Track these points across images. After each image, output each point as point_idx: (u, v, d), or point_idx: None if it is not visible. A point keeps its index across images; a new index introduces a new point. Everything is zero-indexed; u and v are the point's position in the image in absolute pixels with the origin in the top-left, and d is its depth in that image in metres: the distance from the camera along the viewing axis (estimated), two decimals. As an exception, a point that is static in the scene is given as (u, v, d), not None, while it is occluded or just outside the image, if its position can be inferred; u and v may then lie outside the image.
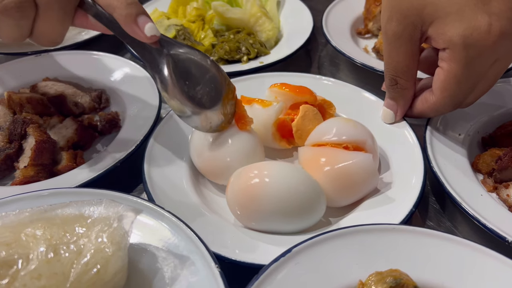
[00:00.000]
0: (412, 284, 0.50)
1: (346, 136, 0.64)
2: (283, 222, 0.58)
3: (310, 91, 0.73)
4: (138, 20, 0.58)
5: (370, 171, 0.61)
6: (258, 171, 0.59)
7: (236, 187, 0.59)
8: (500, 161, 0.65)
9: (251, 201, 0.58)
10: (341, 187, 0.61)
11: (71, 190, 0.61)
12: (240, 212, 0.59)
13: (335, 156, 0.62)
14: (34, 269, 0.47)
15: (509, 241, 0.55)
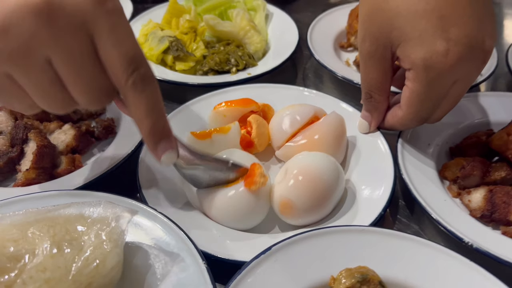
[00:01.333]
0: (377, 279, 0.56)
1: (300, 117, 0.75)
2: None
3: (251, 101, 0.80)
4: (158, 147, 0.58)
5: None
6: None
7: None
8: (464, 169, 0.71)
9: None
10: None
11: (71, 192, 0.67)
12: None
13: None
14: (39, 263, 0.53)
15: (467, 242, 0.61)
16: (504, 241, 0.62)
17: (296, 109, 0.79)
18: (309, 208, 0.65)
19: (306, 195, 0.64)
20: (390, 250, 0.59)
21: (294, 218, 0.66)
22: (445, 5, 0.61)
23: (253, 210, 0.66)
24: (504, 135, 0.72)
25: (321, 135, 0.73)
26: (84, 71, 0.50)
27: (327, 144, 0.73)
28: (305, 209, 0.65)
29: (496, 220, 0.66)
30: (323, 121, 0.75)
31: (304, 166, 0.66)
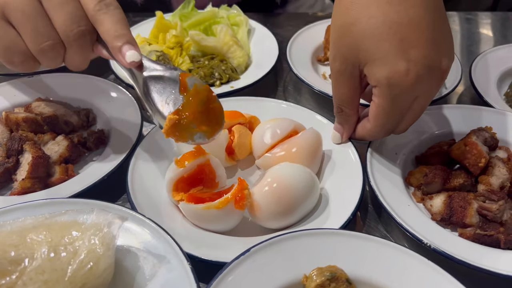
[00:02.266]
0: (345, 277, 0.62)
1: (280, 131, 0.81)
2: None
3: (240, 114, 0.86)
4: (122, 49, 0.69)
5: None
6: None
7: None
8: (426, 177, 0.78)
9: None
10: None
11: (65, 200, 0.72)
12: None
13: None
14: (38, 266, 0.58)
15: (426, 243, 0.67)
16: (460, 242, 0.69)
17: (277, 122, 0.85)
18: (276, 214, 0.71)
19: (274, 203, 0.71)
20: (358, 251, 0.65)
21: (262, 221, 0.73)
22: (406, 29, 0.68)
23: (237, 218, 0.73)
24: (462, 146, 0.79)
25: (298, 149, 0.79)
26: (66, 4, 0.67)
27: (303, 157, 0.79)
28: (272, 214, 0.71)
29: (454, 223, 0.73)
30: (300, 136, 0.81)
31: (279, 176, 0.72)
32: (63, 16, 0.67)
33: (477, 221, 0.71)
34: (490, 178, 0.75)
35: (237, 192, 0.71)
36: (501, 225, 0.71)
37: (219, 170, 0.78)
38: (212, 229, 0.73)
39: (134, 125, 0.90)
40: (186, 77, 0.68)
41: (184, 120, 0.67)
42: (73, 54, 0.71)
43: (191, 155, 0.75)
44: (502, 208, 0.71)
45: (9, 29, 0.68)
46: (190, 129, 0.69)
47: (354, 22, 0.70)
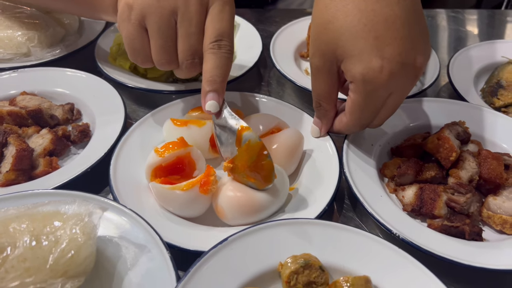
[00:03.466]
0: (318, 264, 0.65)
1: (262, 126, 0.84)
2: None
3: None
4: (208, 95, 0.78)
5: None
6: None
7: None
8: (400, 168, 0.81)
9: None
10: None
11: (48, 191, 0.73)
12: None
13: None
14: (20, 254, 0.60)
15: (395, 233, 0.70)
16: (428, 233, 0.72)
17: (260, 118, 0.87)
18: (240, 219, 0.74)
19: (238, 210, 0.74)
20: (331, 240, 0.68)
21: (226, 221, 0.75)
22: (381, 27, 0.70)
23: (203, 204, 0.76)
24: (435, 139, 0.82)
25: (278, 147, 0.82)
26: (192, 28, 0.77)
27: (282, 155, 0.81)
28: (236, 219, 0.74)
29: (423, 214, 0.76)
30: (282, 134, 0.83)
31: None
32: (186, 46, 0.78)
33: (445, 212, 0.74)
34: (460, 172, 0.78)
35: (203, 177, 0.73)
36: (467, 217, 0.74)
37: (200, 163, 0.80)
38: (180, 213, 0.75)
39: (118, 118, 0.91)
40: (243, 131, 0.74)
41: (236, 169, 0.75)
42: (182, 72, 0.83)
43: (172, 146, 0.78)
44: (469, 201, 0.74)
45: (143, 35, 0.78)
46: (242, 177, 0.75)
47: (331, 19, 0.72)
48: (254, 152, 0.73)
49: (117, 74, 1.04)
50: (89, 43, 1.13)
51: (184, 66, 0.80)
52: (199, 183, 0.73)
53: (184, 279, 0.61)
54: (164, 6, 0.76)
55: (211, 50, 0.77)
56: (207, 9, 0.78)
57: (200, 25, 0.78)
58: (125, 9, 0.77)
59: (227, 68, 0.79)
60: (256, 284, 0.64)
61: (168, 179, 0.77)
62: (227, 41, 0.78)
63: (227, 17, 0.79)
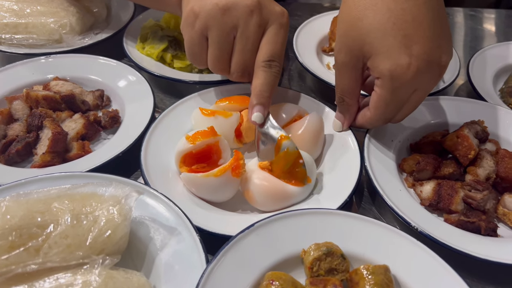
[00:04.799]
0: (339, 252, 0.68)
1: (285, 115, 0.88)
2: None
3: (249, 99, 0.91)
4: (254, 108, 0.83)
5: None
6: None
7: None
8: (419, 164, 0.84)
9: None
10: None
11: (85, 174, 0.77)
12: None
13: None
14: (62, 231, 0.64)
15: (413, 226, 0.73)
16: (444, 227, 0.75)
17: (282, 107, 0.91)
18: (271, 206, 0.79)
19: (268, 197, 0.78)
20: (352, 230, 0.71)
21: (255, 205, 0.79)
22: (410, 26, 0.73)
23: (234, 188, 0.80)
24: (454, 137, 0.84)
25: (303, 132, 0.86)
26: (248, 46, 0.83)
27: (307, 140, 0.85)
28: (263, 204, 0.79)
29: (440, 209, 0.79)
30: (305, 119, 0.87)
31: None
32: (240, 60, 0.85)
33: (462, 208, 0.77)
34: (477, 169, 0.81)
35: (234, 162, 0.78)
36: (483, 213, 0.77)
37: (225, 152, 0.84)
38: (210, 198, 0.79)
39: (147, 106, 0.95)
40: (283, 140, 0.81)
41: (272, 173, 0.81)
42: (231, 79, 0.90)
43: (203, 134, 0.82)
44: (486, 198, 0.77)
45: (203, 42, 0.85)
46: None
47: (360, 17, 0.75)
48: (291, 159, 0.79)
49: (145, 62, 1.07)
50: (117, 31, 1.17)
51: (234, 76, 0.87)
52: (231, 167, 0.77)
53: (213, 261, 0.65)
54: (227, 21, 0.81)
55: (263, 68, 0.83)
56: (264, 30, 0.84)
57: (255, 44, 0.83)
58: (190, 15, 0.83)
59: (274, 86, 0.84)
60: (280, 268, 0.68)
61: (196, 168, 0.81)
62: (278, 62, 0.84)
63: (281, 40, 0.85)
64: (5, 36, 1.07)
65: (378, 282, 0.64)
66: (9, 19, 1.07)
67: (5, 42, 1.08)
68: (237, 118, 0.87)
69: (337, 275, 0.67)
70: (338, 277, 0.67)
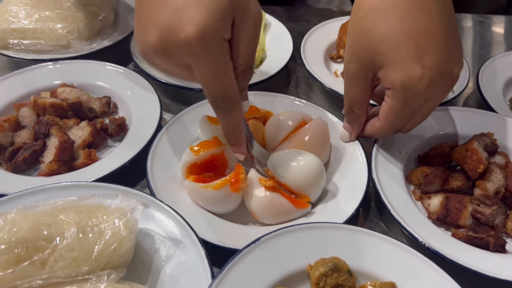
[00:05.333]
0: (346, 268, 0.68)
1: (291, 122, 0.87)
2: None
3: (256, 108, 0.92)
4: (232, 149, 0.81)
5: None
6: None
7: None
8: (426, 177, 0.83)
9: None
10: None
11: (91, 184, 0.77)
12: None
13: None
14: (68, 244, 0.64)
15: (420, 242, 0.72)
16: (452, 242, 0.74)
17: (287, 115, 0.90)
18: (269, 218, 0.79)
19: (267, 210, 0.78)
20: (359, 245, 0.71)
21: (259, 219, 0.79)
22: (422, 37, 0.72)
23: (234, 201, 0.79)
24: (463, 150, 0.83)
25: (309, 138, 0.84)
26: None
27: (314, 145, 0.84)
28: (265, 218, 0.79)
29: (448, 223, 0.78)
30: (310, 125, 0.86)
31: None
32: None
33: (470, 223, 0.76)
34: (486, 183, 0.80)
35: (234, 176, 0.77)
36: (492, 228, 0.76)
37: (232, 161, 0.84)
38: (212, 209, 0.79)
39: (153, 114, 0.95)
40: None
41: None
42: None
43: (207, 145, 0.81)
44: (495, 213, 0.76)
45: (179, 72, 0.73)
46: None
47: (372, 27, 0.74)
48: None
49: (152, 69, 1.07)
50: (125, 37, 1.17)
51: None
52: (230, 182, 0.76)
53: (219, 276, 0.64)
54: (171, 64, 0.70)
55: (215, 111, 0.75)
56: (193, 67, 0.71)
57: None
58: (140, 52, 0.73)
59: (233, 121, 0.76)
60: (286, 284, 0.67)
61: (202, 176, 0.81)
62: (224, 98, 0.71)
63: (217, 73, 0.70)
64: (13, 42, 1.07)
65: (385, 300, 0.64)
66: (17, 25, 1.07)
67: (12, 48, 1.08)
68: None
69: (343, 291, 0.67)
70: (344, 293, 0.67)
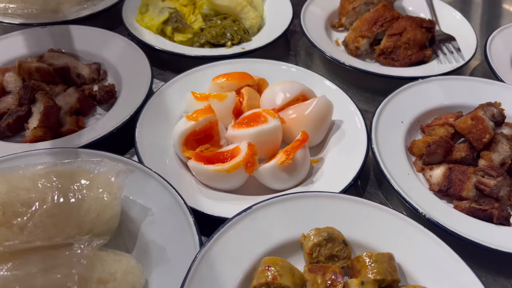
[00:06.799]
0: (341, 238, 0.64)
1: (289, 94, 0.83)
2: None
3: (249, 76, 0.87)
4: None
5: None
6: None
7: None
8: (429, 147, 0.79)
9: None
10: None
11: (76, 150, 0.74)
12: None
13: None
14: (48, 209, 0.60)
15: (421, 213, 0.69)
16: (454, 214, 0.71)
17: (286, 85, 0.85)
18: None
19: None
20: (355, 215, 0.67)
21: (265, 182, 0.76)
22: None
23: (244, 178, 0.76)
24: (468, 120, 0.79)
25: (310, 113, 0.80)
26: None
27: (312, 122, 0.80)
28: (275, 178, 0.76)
29: (450, 195, 0.75)
30: (313, 101, 0.81)
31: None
32: None
33: (474, 195, 0.73)
34: (492, 154, 0.76)
35: (248, 157, 0.73)
36: (496, 200, 0.72)
37: (223, 132, 0.80)
38: (218, 187, 0.75)
39: (144, 81, 0.91)
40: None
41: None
42: None
43: (203, 111, 0.77)
44: (500, 185, 0.72)
45: None
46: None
47: None
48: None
49: (144, 35, 1.03)
50: (116, 2, 1.12)
51: None
52: (245, 164, 0.73)
53: (207, 245, 0.61)
54: None
55: None
56: None
57: None
58: None
59: None
60: (278, 254, 0.64)
61: (201, 153, 0.76)
62: None
63: None
64: (0, 6, 1.03)
65: (381, 271, 0.60)
66: (3, -13, 1.03)
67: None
68: (233, 99, 0.83)
69: (338, 262, 0.64)
70: (338, 264, 0.64)
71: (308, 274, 0.60)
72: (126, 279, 0.59)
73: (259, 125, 0.77)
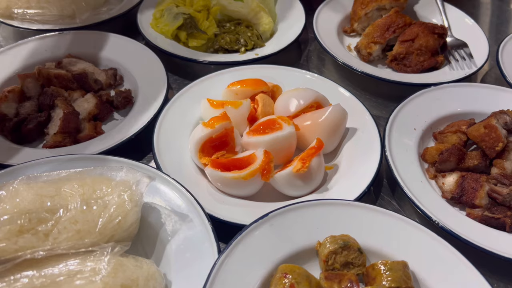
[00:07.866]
0: (356, 246, 0.66)
1: (303, 101, 0.83)
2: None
3: (263, 82, 0.88)
4: None
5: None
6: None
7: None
8: (442, 155, 0.80)
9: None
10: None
11: (96, 156, 0.76)
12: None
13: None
14: (72, 216, 0.62)
15: (434, 221, 0.70)
16: (467, 222, 0.72)
17: (300, 92, 0.86)
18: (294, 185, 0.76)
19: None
20: (370, 223, 0.69)
21: (281, 188, 0.77)
22: None
23: (259, 186, 0.77)
24: (481, 128, 0.80)
25: (324, 121, 0.81)
26: None
27: (326, 130, 0.81)
28: (291, 185, 0.76)
29: (463, 203, 0.76)
30: (328, 109, 0.82)
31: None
32: None
33: (486, 203, 0.74)
34: (504, 162, 0.77)
35: (264, 165, 0.74)
36: (509, 209, 0.73)
37: (239, 139, 0.82)
38: (235, 194, 0.77)
39: (160, 87, 0.92)
40: None
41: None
42: None
43: (219, 118, 0.79)
44: (513, 193, 0.73)
45: None
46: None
47: None
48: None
49: (159, 40, 1.04)
50: (131, 7, 1.13)
51: None
52: (261, 171, 0.74)
53: (225, 251, 0.63)
54: None
55: None
56: None
57: None
58: None
59: None
60: (294, 261, 0.65)
61: (217, 160, 0.78)
62: None
63: None
64: (18, 11, 1.05)
65: (396, 279, 0.61)
66: (21, -7, 1.04)
67: (17, 17, 1.05)
68: (248, 106, 0.84)
69: (353, 269, 0.65)
70: (353, 271, 0.65)
71: (324, 281, 0.61)
72: (148, 285, 0.60)
73: (274, 132, 0.78)
